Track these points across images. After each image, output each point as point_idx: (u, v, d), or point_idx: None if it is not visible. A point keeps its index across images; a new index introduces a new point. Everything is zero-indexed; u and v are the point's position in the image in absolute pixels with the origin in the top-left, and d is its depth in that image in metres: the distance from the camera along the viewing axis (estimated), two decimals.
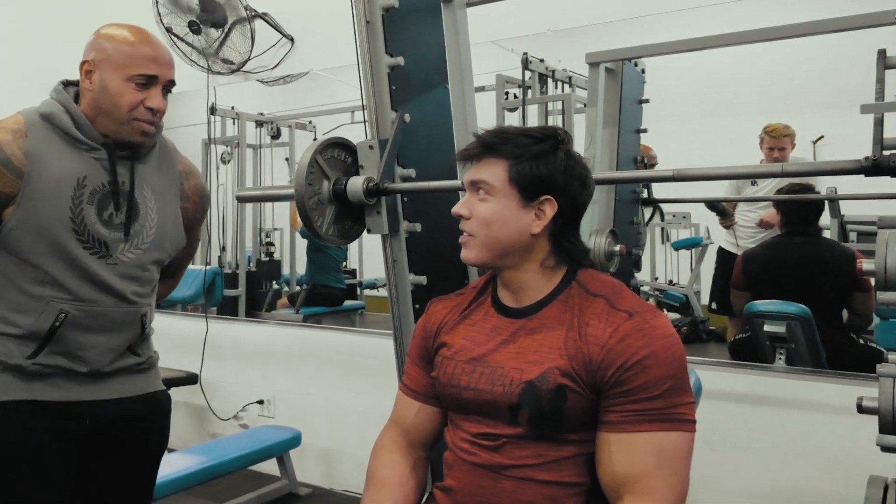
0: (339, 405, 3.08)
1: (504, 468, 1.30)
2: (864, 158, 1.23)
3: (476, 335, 1.39)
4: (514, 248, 1.33)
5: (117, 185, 1.56)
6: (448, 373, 1.38)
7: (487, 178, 1.33)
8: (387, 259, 1.88)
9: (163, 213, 1.64)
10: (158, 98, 1.55)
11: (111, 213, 1.55)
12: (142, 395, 1.66)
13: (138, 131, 1.55)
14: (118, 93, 1.52)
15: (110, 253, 1.55)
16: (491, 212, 1.32)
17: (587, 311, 1.29)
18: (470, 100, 2.12)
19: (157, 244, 1.63)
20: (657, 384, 1.21)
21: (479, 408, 1.33)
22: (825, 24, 2.31)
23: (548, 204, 1.31)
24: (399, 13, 1.81)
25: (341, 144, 1.83)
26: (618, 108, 2.97)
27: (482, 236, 1.34)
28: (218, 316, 3.82)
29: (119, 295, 1.56)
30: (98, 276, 1.53)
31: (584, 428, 1.27)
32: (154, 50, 1.56)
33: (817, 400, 2.24)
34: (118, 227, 1.56)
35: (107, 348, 1.56)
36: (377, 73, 1.79)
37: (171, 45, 3.15)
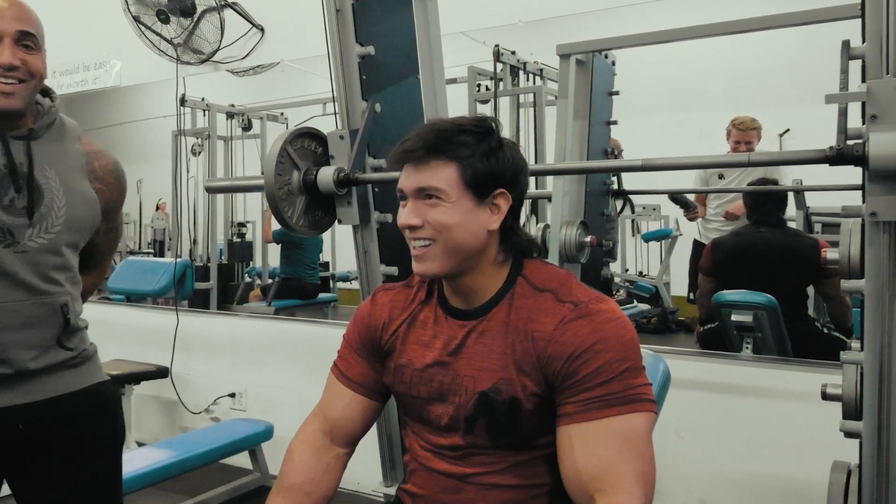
0: (311, 398, 3.04)
1: (466, 476, 1.27)
2: (829, 148, 1.25)
3: (427, 339, 1.33)
4: (473, 250, 1.25)
5: (14, 166, 1.40)
6: (405, 382, 1.33)
7: (438, 183, 1.23)
8: (358, 249, 1.88)
9: (71, 194, 1.48)
10: (7, 51, 1.34)
11: (12, 198, 1.40)
12: (78, 390, 1.51)
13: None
14: None
15: (17, 240, 1.40)
16: (448, 215, 1.22)
17: (534, 308, 1.25)
18: (441, 90, 2.12)
19: (70, 226, 1.47)
20: (610, 368, 1.17)
21: (439, 419, 1.29)
22: (790, 18, 2.34)
23: (502, 198, 1.26)
24: (369, 3, 1.80)
25: (311, 134, 1.82)
26: (588, 99, 2.99)
27: (442, 242, 1.24)
28: (189, 309, 3.78)
29: (29, 287, 1.42)
30: (8, 267, 1.39)
31: (543, 432, 1.23)
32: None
33: (783, 388, 2.28)
34: (21, 212, 1.41)
35: (28, 345, 1.43)
36: (347, 62, 1.79)
37: (140, 34, 3.11)
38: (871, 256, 1.27)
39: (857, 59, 1.26)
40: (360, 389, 1.38)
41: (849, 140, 1.25)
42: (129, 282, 3.97)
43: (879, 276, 1.27)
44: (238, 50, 3.15)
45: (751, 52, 4.86)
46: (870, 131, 1.18)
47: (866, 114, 1.20)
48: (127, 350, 3.44)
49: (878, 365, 1.30)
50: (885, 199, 1.20)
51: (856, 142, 1.22)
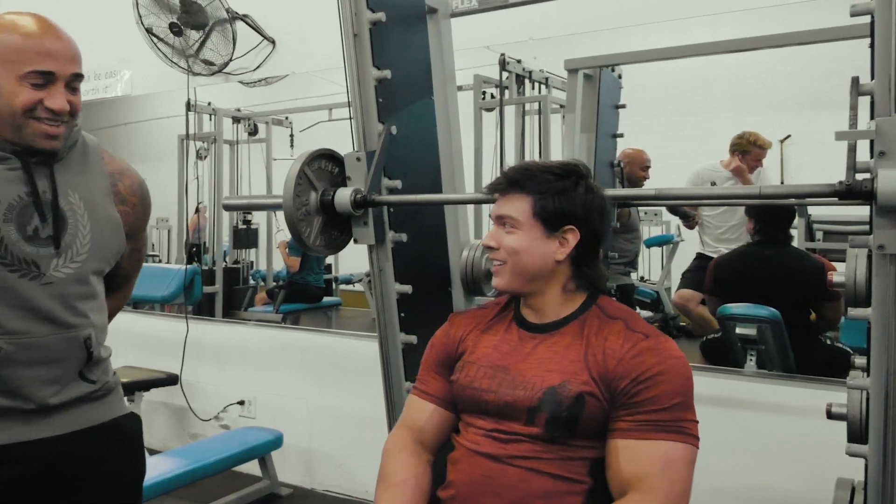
0: (319, 406, 3.11)
1: (512, 458, 1.39)
2: (839, 183, 1.28)
3: (499, 344, 1.48)
4: (540, 274, 1.44)
5: (38, 194, 1.36)
6: (469, 376, 1.47)
7: (512, 212, 1.44)
8: (373, 268, 1.91)
9: (96, 219, 1.45)
10: (60, 96, 1.34)
11: (36, 227, 1.36)
12: (100, 424, 1.47)
13: (41, 135, 1.34)
14: (11, 93, 1.31)
15: (42, 271, 1.37)
16: (517, 242, 1.43)
17: (605, 329, 1.41)
18: (454, 110, 2.15)
19: (96, 253, 1.44)
20: (666, 398, 1.33)
21: (498, 409, 1.42)
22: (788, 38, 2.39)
23: (570, 233, 1.43)
24: (386, 26, 1.83)
25: (329, 156, 1.85)
26: (595, 113, 3.03)
27: (512, 264, 1.44)
28: (198, 316, 3.82)
29: (55, 320, 1.39)
30: (30, 300, 1.36)
31: (594, 437, 1.37)
32: (51, 42, 1.34)
33: (787, 403, 2.31)
34: (46, 242, 1.37)
35: (50, 380, 1.39)
36: (364, 85, 1.82)
37: (152, 46, 3.14)
38: (878, 285, 1.31)
39: (866, 95, 1.30)
40: (439, 402, 1.53)
41: (858, 173, 1.29)
42: (138, 288, 3.97)
43: (886, 305, 1.31)
44: (249, 61, 3.19)
45: (753, 57, 4.88)
46: (878, 167, 1.22)
47: (875, 150, 1.23)
48: (137, 357, 3.48)
49: (883, 392, 1.34)
50: (892, 233, 1.24)
51: (864, 177, 1.25)
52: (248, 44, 3.18)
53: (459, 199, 1.85)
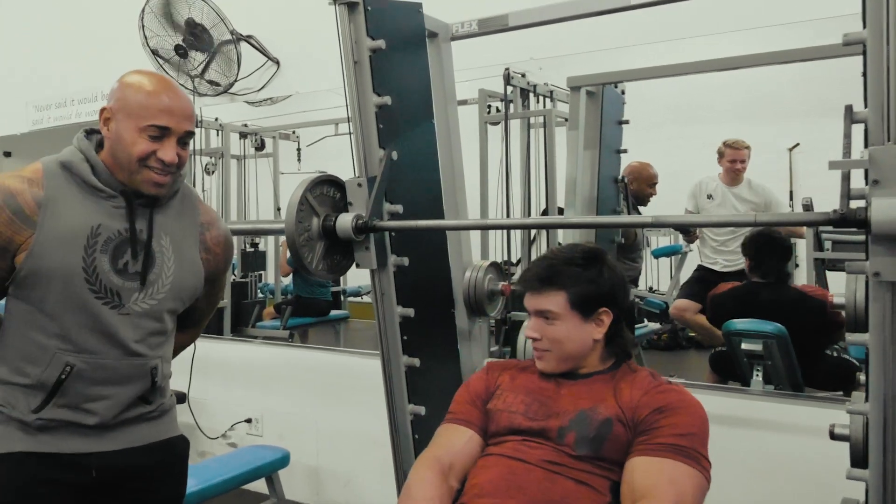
0: (326, 425, 3.12)
1: (539, 460, 1.51)
2: (833, 211, 1.29)
3: (535, 381, 1.65)
4: (581, 354, 1.61)
5: (135, 232, 1.52)
6: (507, 402, 1.63)
7: (551, 307, 1.60)
8: (375, 292, 1.92)
9: (180, 262, 1.59)
10: (171, 150, 1.50)
11: (126, 262, 1.51)
12: (153, 443, 1.59)
13: (150, 182, 1.50)
14: (131, 142, 1.48)
15: (122, 302, 1.51)
16: (559, 332, 1.60)
17: (631, 376, 1.60)
18: (455, 132, 2.17)
19: (174, 294, 1.58)
20: (684, 427, 1.47)
21: (531, 431, 1.56)
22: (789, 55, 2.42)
23: (605, 314, 1.61)
24: (386, 53, 1.85)
25: (331, 182, 1.87)
26: (598, 129, 3.05)
27: (556, 352, 1.61)
28: (205, 334, 3.84)
29: (125, 347, 1.51)
30: (108, 326, 1.49)
31: (618, 463, 1.49)
32: (171, 100, 1.50)
33: (793, 422, 2.30)
34: (133, 276, 1.52)
35: (115, 402, 1.52)
36: (365, 112, 1.84)
37: (158, 67, 3.17)
38: (875, 312, 1.32)
39: (859, 123, 1.30)
40: (476, 429, 1.65)
41: (852, 200, 1.30)
42: None
43: (883, 332, 1.31)
44: (254, 82, 3.22)
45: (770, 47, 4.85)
46: (872, 196, 1.23)
47: (869, 178, 1.24)
48: None
49: (881, 417, 1.34)
50: (887, 260, 1.24)
51: (858, 206, 1.26)
52: (253, 64, 3.21)
53: (460, 226, 1.87)
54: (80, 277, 1.47)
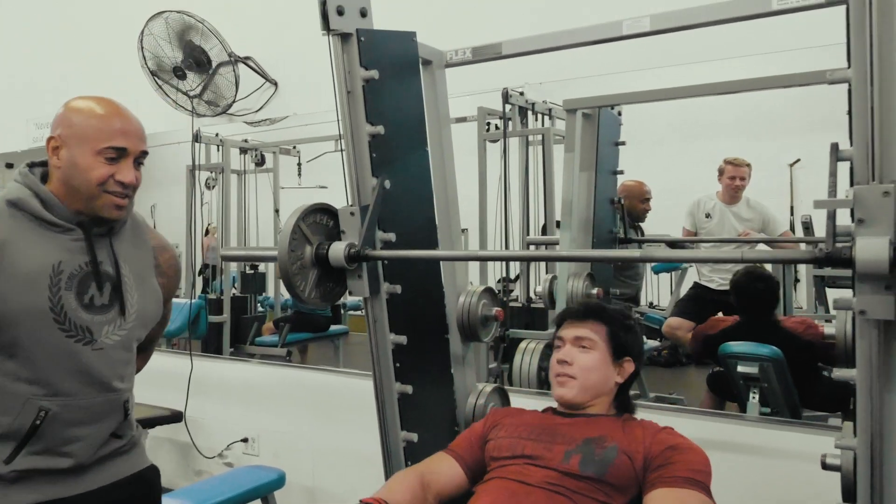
0: (323, 445, 3.12)
1: (542, 482, 1.56)
2: (818, 250, 1.30)
3: (540, 416, 1.77)
4: (600, 392, 1.73)
5: (97, 264, 1.49)
6: (511, 430, 1.73)
7: (591, 335, 1.74)
8: (368, 319, 1.93)
9: (142, 290, 1.58)
10: (130, 171, 1.48)
11: (92, 296, 1.48)
12: (127, 476, 1.59)
13: (111, 205, 1.48)
14: (88, 167, 1.45)
15: (94, 338, 1.48)
16: (591, 361, 1.72)
17: (635, 421, 1.71)
18: (449, 159, 2.18)
19: (141, 322, 1.57)
20: (693, 463, 1.57)
21: (534, 453, 1.63)
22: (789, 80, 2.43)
23: (628, 363, 1.76)
24: (380, 82, 1.86)
25: (324, 210, 1.88)
26: (594, 151, 3.05)
27: (581, 380, 1.71)
28: (202, 354, 3.85)
29: (104, 384, 1.50)
30: (84, 364, 1.47)
31: (620, 490, 1.55)
32: (123, 122, 1.50)
33: (787, 448, 2.30)
34: (101, 309, 1.49)
35: (91, 441, 1.50)
36: (358, 141, 1.85)
37: (157, 88, 3.19)
38: (861, 349, 1.32)
39: (845, 160, 1.31)
40: (463, 463, 1.75)
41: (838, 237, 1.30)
42: None
43: (870, 368, 1.32)
44: (252, 102, 3.24)
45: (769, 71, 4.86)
46: (857, 235, 1.23)
47: (854, 217, 1.25)
48: (143, 392, 3.50)
49: (869, 454, 1.34)
50: (872, 298, 1.25)
51: (844, 244, 1.27)
52: (252, 85, 3.23)
53: (451, 257, 1.87)
54: (48, 318, 1.42)
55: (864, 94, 1.25)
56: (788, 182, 5.09)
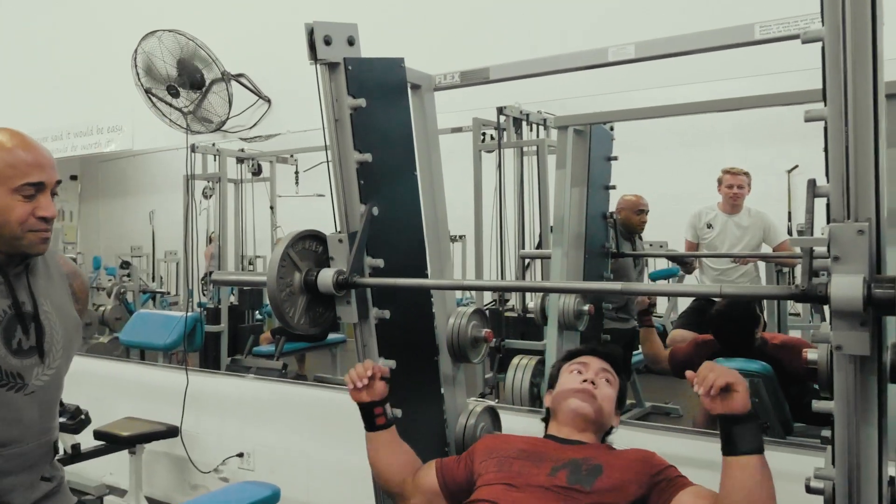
0: (318, 460, 3.14)
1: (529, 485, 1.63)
2: (795, 286, 1.31)
3: (528, 440, 1.80)
4: (602, 427, 1.82)
5: (20, 306, 1.43)
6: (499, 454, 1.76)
7: (613, 375, 1.88)
8: (357, 344, 1.95)
9: (64, 323, 1.53)
10: (50, 205, 1.42)
11: (20, 340, 1.43)
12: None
13: (37, 242, 1.43)
14: (5, 208, 1.39)
15: (26, 382, 1.43)
16: (611, 394, 1.84)
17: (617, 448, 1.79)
18: (438, 181, 2.20)
19: (66, 355, 1.53)
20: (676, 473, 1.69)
21: (522, 469, 1.68)
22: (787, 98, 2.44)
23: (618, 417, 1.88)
24: (368, 109, 1.88)
25: (313, 236, 1.90)
26: (586, 167, 3.06)
27: (600, 404, 1.80)
28: (198, 369, 3.87)
29: (36, 427, 1.46)
30: (20, 412, 1.42)
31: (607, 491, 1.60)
32: (34, 153, 1.42)
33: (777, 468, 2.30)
34: (29, 353, 1.44)
35: (29, 487, 1.46)
36: (346, 169, 1.87)
37: (151, 106, 3.21)
38: (839, 382, 1.34)
39: (822, 197, 1.33)
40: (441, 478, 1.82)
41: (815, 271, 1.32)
42: (141, 335, 4.07)
43: (847, 401, 1.33)
44: (246, 119, 3.26)
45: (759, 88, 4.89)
46: (832, 272, 1.25)
47: (830, 254, 1.26)
48: (140, 406, 3.54)
49: (846, 484, 1.36)
50: (848, 334, 1.26)
51: (820, 281, 1.28)
52: (245, 102, 3.24)
53: (438, 285, 1.88)
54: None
55: (840, 132, 1.26)
56: (787, 189, 5.11)
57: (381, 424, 1.84)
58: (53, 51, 4.22)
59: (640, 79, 2.51)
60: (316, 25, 1.80)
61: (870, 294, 1.21)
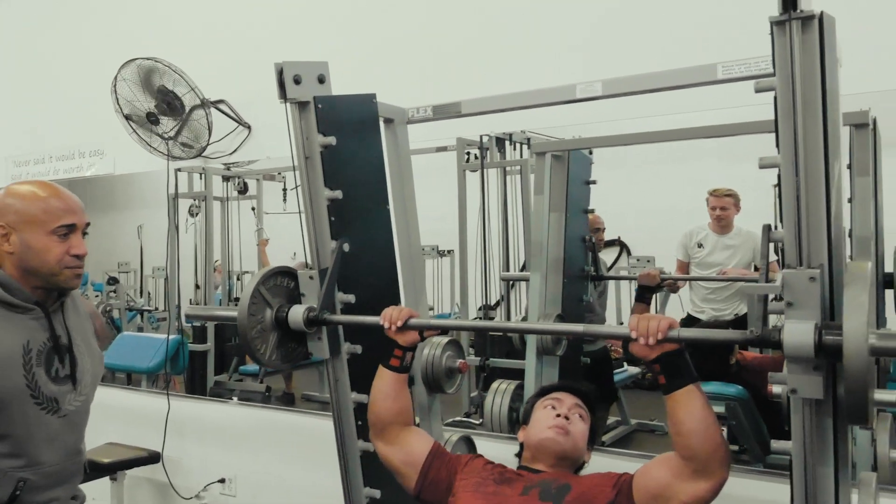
0: (299, 486, 3.14)
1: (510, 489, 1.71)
2: (750, 332, 1.34)
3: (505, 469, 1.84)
4: (576, 462, 1.85)
5: (57, 339, 1.61)
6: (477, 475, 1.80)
7: (585, 412, 1.88)
8: (329, 379, 1.96)
9: (91, 356, 1.71)
10: (81, 244, 1.61)
11: (56, 369, 1.60)
12: None
13: (71, 277, 1.61)
14: (44, 248, 1.57)
15: (59, 406, 1.60)
16: (583, 430, 1.85)
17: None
18: (412, 213, 2.22)
19: (93, 385, 1.71)
20: None
21: (497, 490, 1.74)
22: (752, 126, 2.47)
23: (590, 453, 1.90)
24: (339, 146, 1.90)
25: (284, 273, 1.92)
26: (565, 191, 3.08)
27: (573, 439, 1.82)
28: (180, 394, 3.86)
29: (71, 449, 1.63)
30: (54, 433, 1.58)
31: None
32: (66, 200, 1.61)
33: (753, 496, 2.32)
34: (64, 380, 1.62)
35: (63, 500, 1.62)
36: (317, 206, 1.89)
37: (131, 132, 3.23)
38: (795, 424, 1.36)
39: (777, 241, 1.35)
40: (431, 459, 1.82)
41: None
42: (124, 358, 4.06)
43: (803, 443, 1.36)
44: (226, 145, 3.27)
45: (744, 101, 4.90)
46: (786, 318, 1.27)
47: (784, 300, 1.28)
48: (122, 431, 3.53)
49: None
50: (802, 378, 1.29)
51: (774, 326, 1.31)
52: (226, 128, 3.26)
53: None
54: (26, 395, 1.54)
55: (792, 180, 1.29)
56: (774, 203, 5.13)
57: (393, 366, 1.80)
58: (36, 75, 4.23)
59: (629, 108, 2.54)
60: (285, 65, 1.82)
61: (821, 340, 1.23)
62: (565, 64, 2.60)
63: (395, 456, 1.83)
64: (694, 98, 2.39)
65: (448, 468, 1.83)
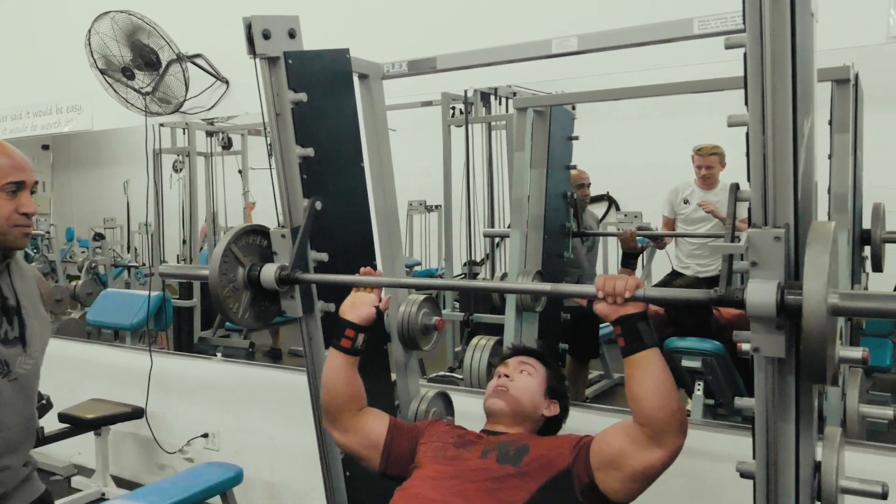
0: (282, 442, 3.18)
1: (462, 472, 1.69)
2: (713, 291, 1.34)
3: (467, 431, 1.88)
4: (527, 416, 1.85)
5: (5, 301, 1.58)
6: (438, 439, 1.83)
7: (534, 364, 1.92)
8: (303, 337, 1.96)
9: (39, 319, 1.66)
10: (30, 202, 1.58)
11: (6, 330, 1.56)
12: (32, 502, 1.66)
13: (21, 235, 1.58)
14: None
15: (11, 369, 1.55)
16: (530, 384, 1.88)
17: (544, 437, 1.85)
18: (388, 171, 2.20)
19: (42, 348, 1.65)
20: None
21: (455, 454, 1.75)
22: None
23: (554, 405, 1.90)
24: (311, 102, 1.87)
25: (257, 231, 1.90)
26: (546, 148, 3.05)
27: (515, 396, 1.85)
28: (163, 350, 3.87)
29: (19, 412, 1.58)
30: (6, 398, 1.54)
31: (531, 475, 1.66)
32: (13, 157, 1.58)
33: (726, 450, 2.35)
34: (14, 343, 1.57)
35: (14, 469, 1.58)
36: (288, 164, 1.87)
37: (107, 87, 3.17)
38: (759, 382, 1.37)
39: (744, 201, 1.34)
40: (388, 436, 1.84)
41: None
42: (108, 315, 4.06)
43: (765, 401, 1.37)
44: (204, 101, 3.22)
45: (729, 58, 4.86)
46: (750, 278, 1.27)
47: (748, 259, 1.28)
48: (106, 388, 3.55)
49: (765, 479, 1.40)
50: (765, 337, 1.29)
51: (738, 287, 1.31)
52: (203, 83, 3.21)
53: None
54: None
55: (759, 139, 1.27)
56: None
57: (344, 347, 1.79)
58: (13, 31, 4.14)
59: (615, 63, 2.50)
60: (254, 20, 1.78)
61: (783, 300, 1.23)
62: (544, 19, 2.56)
63: (353, 442, 1.84)
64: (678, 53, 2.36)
65: (409, 438, 1.85)
